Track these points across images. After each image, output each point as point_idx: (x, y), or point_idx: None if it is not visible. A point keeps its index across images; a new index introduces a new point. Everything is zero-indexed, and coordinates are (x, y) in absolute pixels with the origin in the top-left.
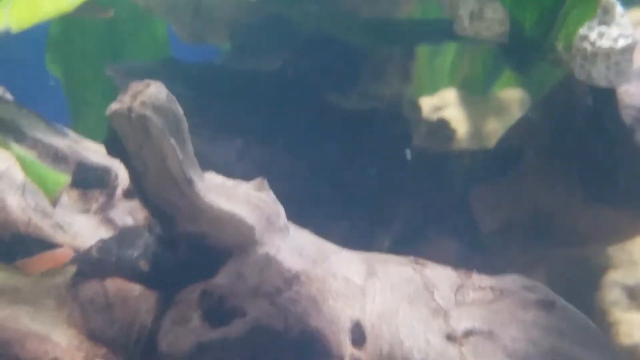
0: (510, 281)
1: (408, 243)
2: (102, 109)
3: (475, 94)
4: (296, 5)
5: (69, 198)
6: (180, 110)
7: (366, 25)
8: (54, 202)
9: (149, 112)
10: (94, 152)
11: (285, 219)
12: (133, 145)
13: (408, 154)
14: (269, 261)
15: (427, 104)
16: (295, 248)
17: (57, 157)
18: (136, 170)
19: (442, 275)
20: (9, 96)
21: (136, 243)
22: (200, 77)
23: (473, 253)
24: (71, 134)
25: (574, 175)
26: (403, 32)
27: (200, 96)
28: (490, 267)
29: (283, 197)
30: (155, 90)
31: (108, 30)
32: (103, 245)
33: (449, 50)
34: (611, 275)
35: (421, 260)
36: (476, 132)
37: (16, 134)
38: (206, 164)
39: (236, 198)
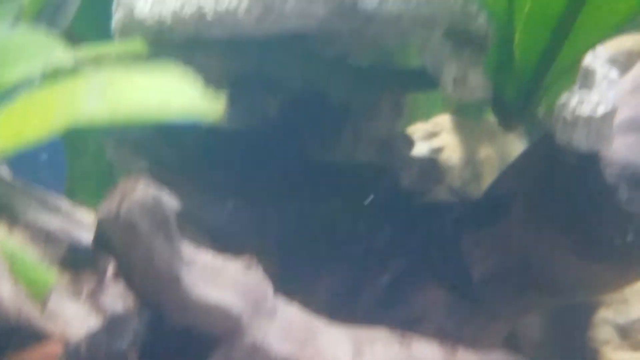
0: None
1: (399, 294)
2: (97, 152)
3: (470, 118)
4: (279, 62)
5: (60, 282)
6: (168, 209)
7: (351, 74)
8: (43, 305)
9: (135, 217)
10: (87, 230)
11: (273, 299)
12: (120, 247)
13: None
14: (256, 349)
15: (421, 130)
16: (283, 329)
17: (49, 239)
18: (124, 268)
19: (428, 352)
20: (4, 170)
21: (125, 331)
22: (189, 142)
23: (464, 302)
24: (65, 206)
25: (561, 230)
26: (390, 81)
27: (190, 161)
28: (480, 316)
29: (272, 257)
30: (143, 193)
31: None
32: (92, 338)
33: None
34: (602, 314)
35: (408, 335)
36: (470, 158)
37: (9, 215)
38: (198, 227)
39: (224, 283)
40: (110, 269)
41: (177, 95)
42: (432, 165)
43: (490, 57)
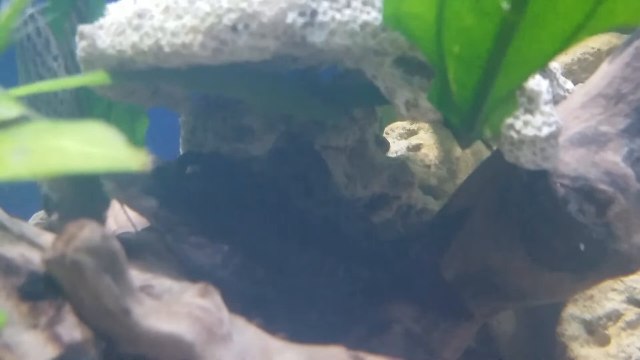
0: None
1: (376, 307)
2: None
3: None
4: (243, 87)
5: (18, 313)
6: (116, 246)
7: (313, 93)
8: None
9: (81, 257)
10: None
11: (229, 324)
12: (68, 286)
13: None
14: None
15: (401, 128)
16: (238, 353)
17: (9, 270)
18: (74, 303)
19: None
20: None
21: None
22: (181, 186)
23: (430, 308)
24: (30, 232)
25: (517, 239)
26: (346, 98)
27: (182, 206)
28: (447, 320)
29: (256, 302)
30: (89, 234)
31: None
32: None
33: None
34: (570, 310)
35: (360, 355)
36: (446, 157)
37: None
38: (192, 269)
39: (177, 312)
40: None
41: (100, 147)
42: (401, 170)
43: (433, 88)
